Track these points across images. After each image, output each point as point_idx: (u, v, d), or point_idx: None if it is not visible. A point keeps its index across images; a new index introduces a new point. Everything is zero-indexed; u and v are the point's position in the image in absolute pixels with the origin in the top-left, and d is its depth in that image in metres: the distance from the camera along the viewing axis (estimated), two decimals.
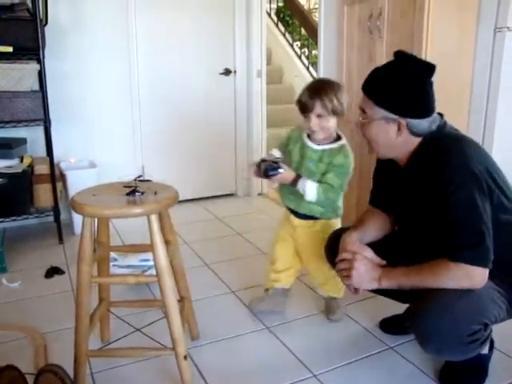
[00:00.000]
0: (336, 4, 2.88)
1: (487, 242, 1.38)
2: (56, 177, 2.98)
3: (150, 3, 3.52)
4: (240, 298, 2.29)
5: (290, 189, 1.88)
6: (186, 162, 3.87)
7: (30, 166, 2.95)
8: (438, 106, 1.52)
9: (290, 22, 5.90)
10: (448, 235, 1.42)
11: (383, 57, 2.47)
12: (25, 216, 2.97)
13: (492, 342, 1.70)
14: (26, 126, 2.91)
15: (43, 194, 2.97)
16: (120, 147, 3.61)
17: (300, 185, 1.82)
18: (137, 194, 1.51)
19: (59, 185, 3.05)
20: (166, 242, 1.56)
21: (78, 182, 2.91)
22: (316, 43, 3.98)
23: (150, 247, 1.51)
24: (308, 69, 5.55)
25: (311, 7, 6.24)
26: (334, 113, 1.79)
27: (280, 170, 1.79)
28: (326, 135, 1.86)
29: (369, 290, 1.66)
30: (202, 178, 3.97)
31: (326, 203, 1.88)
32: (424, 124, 1.49)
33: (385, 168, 1.74)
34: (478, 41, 2.34)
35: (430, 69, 1.47)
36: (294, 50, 5.76)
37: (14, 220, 2.96)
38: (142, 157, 3.70)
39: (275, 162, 1.80)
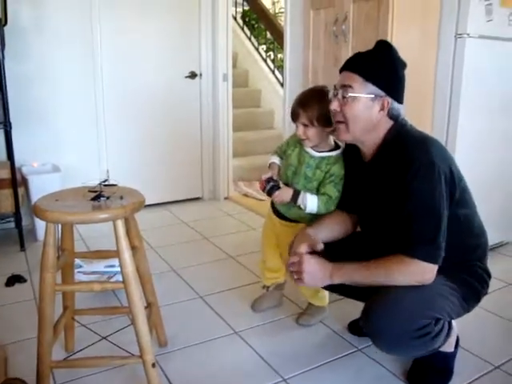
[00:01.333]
0: (302, 9, 2.90)
1: (440, 238, 1.42)
2: (18, 181, 2.89)
3: (114, 6, 3.46)
4: (208, 303, 2.27)
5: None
6: (152, 166, 3.82)
7: None
8: (404, 110, 1.56)
9: (256, 25, 5.91)
10: (404, 230, 1.45)
11: None
12: None
13: (457, 341, 1.74)
14: None
15: (4, 200, 2.88)
16: (84, 151, 3.54)
17: (300, 200, 1.83)
18: (102, 198, 1.48)
19: (21, 190, 2.96)
20: (133, 248, 1.53)
21: (41, 186, 2.83)
22: (281, 47, 4.01)
23: (115, 253, 1.48)
24: (274, 72, 5.59)
25: (277, 11, 6.28)
26: (320, 123, 1.77)
27: (276, 193, 1.85)
28: (313, 144, 1.84)
29: (326, 288, 1.74)
30: (167, 182, 3.93)
31: (320, 213, 1.87)
32: (400, 110, 1.55)
33: (349, 164, 1.78)
34: (440, 46, 2.39)
35: (405, 63, 1.58)
36: (259, 53, 5.79)
37: None
38: (107, 160, 3.63)
39: (277, 185, 1.87)
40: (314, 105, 1.77)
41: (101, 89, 3.52)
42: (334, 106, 1.56)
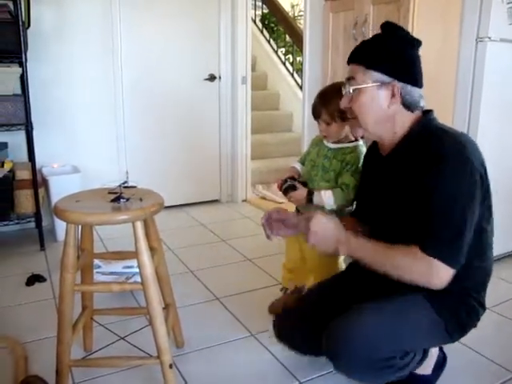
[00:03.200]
0: (321, 11, 2.89)
1: (464, 242, 1.29)
2: (38, 182, 2.94)
3: (135, 9, 3.49)
4: (225, 305, 2.27)
5: None
6: (170, 168, 3.85)
7: (11, 171, 2.90)
8: None
9: (275, 28, 5.92)
10: (425, 224, 1.31)
11: None
12: (5, 222, 2.92)
13: (442, 363, 1.67)
14: (8, 130, 2.87)
15: (25, 200, 2.92)
16: (104, 152, 3.57)
17: (316, 199, 1.85)
18: (122, 200, 1.49)
19: (41, 190, 3.01)
20: (151, 249, 1.54)
21: (60, 187, 2.87)
22: (300, 50, 4.01)
23: (134, 254, 1.49)
24: (292, 75, 5.58)
25: (296, 14, 6.28)
26: (341, 119, 1.79)
27: (291, 193, 1.89)
28: (334, 139, 1.89)
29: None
30: (185, 184, 3.95)
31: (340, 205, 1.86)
32: (416, 94, 1.39)
33: (368, 162, 1.67)
34: (461, 50, 2.37)
35: (418, 41, 1.42)
36: (278, 56, 5.79)
37: None
38: (126, 162, 3.67)
39: (293, 184, 1.90)
40: (334, 101, 1.76)
41: (120, 90, 3.56)
42: (344, 103, 1.46)
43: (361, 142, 1.91)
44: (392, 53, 1.37)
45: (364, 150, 1.87)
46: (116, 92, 3.54)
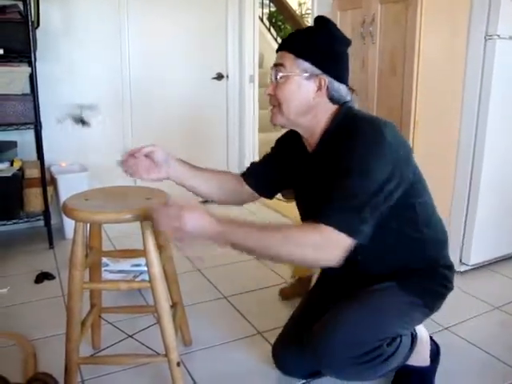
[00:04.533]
0: (329, 10, 2.89)
1: (368, 213, 1.20)
2: (47, 181, 2.96)
3: (142, 7, 3.51)
4: (232, 304, 2.28)
5: None
6: None
7: (21, 169, 2.92)
8: (431, 110, 1.51)
9: (282, 26, 5.92)
10: (329, 195, 1.24)
11: (376, 62, 2.48)
12: (15, 220, 2.94)
13: (436, 352, 1.68)
14: (17, 129, 2.89)
15: (34, 198, 2.95)
16: (111, 150, 3.57)
17: None
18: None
19: (50, 189, 3.03)
20: (159, 248, 1.55)
21: (69, 186, 2.89)
22: None
23: (142, 252, 1.50)
24: None
25: (303, 12, 6.27)
26: None
27: None
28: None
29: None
30: None
31: None
32: (342, 90, 1.39)
33: (286, 151, 1.61)
34: (469, 48, 2.35)
35: (348, 40, 1.42)
36: None
37: (4, 224, 2.93)
38: None
39: None
40: None
41: (128, 89, 3.57)
42: (269, 90, 1.41)
43: None
44: (322, 46, 1.36)
45: None
46: (123, 90, 3.56)
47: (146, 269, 1.49)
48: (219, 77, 3.89)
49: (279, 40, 5.87)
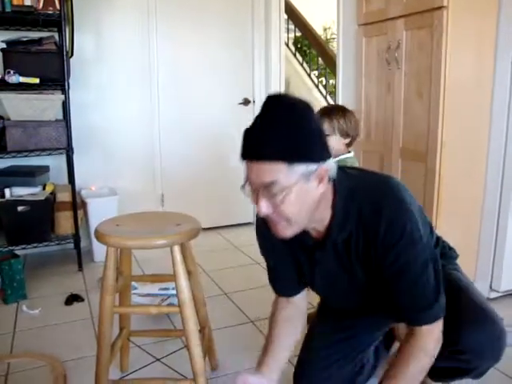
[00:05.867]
0: (354, 36, 2.92)
1: (440, 287, 1.25)
2: (77, 204, 3.03)
3: (171, 35, 3.61)
4: (259, 328, 2.27)
5: None
6: (204, 191, 3.90)
7: (53, 193, 3.00)
8: (458, 134, 1.48)
9: (308, 51, 5.98)
10: (402, 304, 1.26)
11: (401, 87, 2.49)
12: (46, 243, 3.00)
13: None
14: (50, 154, 2.97)
15: (64, 221, 3.02)
16: (140, 176, 3.66)
17: None
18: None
19: (80, 212, 3.09)
20: (188, 273, 1.57)
21: (99, 209, 2.96)
22: (333, 73, 4.04)
23: (171, 277, 1.52)
24: (326, 98, 5.61)
25: (328, 37, 6.33)
26: (340, 133, 1.94)
27: None
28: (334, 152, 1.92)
29: None
30: (219, 207, 4.00)
31: None
32: (334, 164, 1.19)
33: (286, 246, 1.41)
34: (496, 72, 2.35)
35: (309, 104, 1.15)
36: (311, 79, 5.84)
37: (35, 247, 3.00)
38: (162, 185, 3.75)
39: None
40: (337, 114, 1.94)
41: (157, 115, 3.65)
42: (264, 209, 1.14)
43: (351, 154, 2.02)
44: (304, 134, 1.11)
45: (354, 161, 1.98)
46: (153, 117, 3.64)
47: (173, 292, 1.51)
48: (246, 102, 3.94)
49: (305, 65, 5.93)
